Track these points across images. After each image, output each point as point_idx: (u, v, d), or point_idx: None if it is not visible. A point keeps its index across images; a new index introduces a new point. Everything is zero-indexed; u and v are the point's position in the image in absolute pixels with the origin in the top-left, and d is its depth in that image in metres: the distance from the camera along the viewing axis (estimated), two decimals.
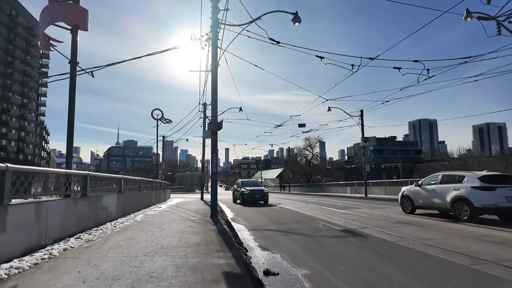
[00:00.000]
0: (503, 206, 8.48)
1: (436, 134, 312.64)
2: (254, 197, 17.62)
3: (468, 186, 9.16)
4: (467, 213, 8.92)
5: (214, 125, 9.66)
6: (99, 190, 8.26)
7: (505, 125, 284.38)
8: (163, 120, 28.70)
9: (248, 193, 17.62)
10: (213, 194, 9.55)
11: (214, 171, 9.53)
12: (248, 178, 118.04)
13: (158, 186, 18.42)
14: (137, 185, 12.67)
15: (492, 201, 8.59)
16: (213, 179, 9.62)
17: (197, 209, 13.23)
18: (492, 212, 8.86)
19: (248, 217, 11.28)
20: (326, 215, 11.46)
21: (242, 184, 19.32)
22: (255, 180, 22.16)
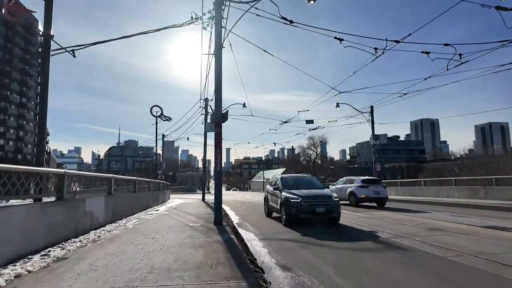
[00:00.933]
0: (372, 197, 14.79)
1: (438, 134, 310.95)
2: (315, 211, 8.57)
3: (355, 185, 15.48)
4: (354, 201, 15.30)
5: (218, 116, 8.35)
6: (84, 192, 6.96)
7: (508, 125, 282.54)
8: (163, 117, 27.41)
9: (303, 203, 8.56)
10: (217, 196, 8.24)
11: (218, 170, 8.23)
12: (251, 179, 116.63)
13: (156, 187, 17.13)
14: (131, 186, 11.37)
15: (366, 194, 14.86)
16: (216, 178, 8.32)
17: (198, 212, 11.92)
18: (367, 200, 15.03)
19: (256, 222, 9.96)
20: (344, 219, 10.14)
21: (284, 183, 10.05)
22: (309, 178, 11.36)
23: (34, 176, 4.91)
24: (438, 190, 21.21)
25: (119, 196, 9.41)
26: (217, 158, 8.24)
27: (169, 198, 23.23)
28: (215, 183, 8.27)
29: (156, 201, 15.96)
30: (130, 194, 10.95)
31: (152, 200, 14.87)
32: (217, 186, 8.26)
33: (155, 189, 16.65)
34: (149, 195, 14.23)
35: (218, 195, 8.20)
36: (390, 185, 27.19)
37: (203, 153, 21.95)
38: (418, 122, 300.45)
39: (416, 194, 22.92)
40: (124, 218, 9.28)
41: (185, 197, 30.53)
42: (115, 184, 8.98)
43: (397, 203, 17.69)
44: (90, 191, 7.35)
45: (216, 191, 8.24)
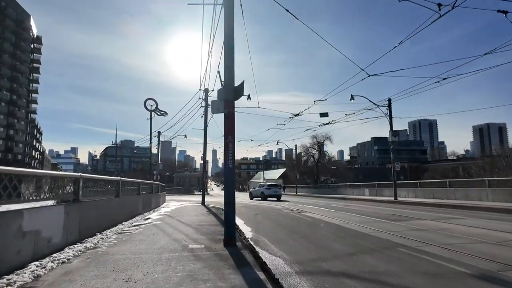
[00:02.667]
0: (272, 194, 26.29)
1: (436, 135, 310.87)
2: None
3: (264, 188, 27.65)
4: (263, 196, 26.72)
5: (229, 90, 5.89)
6: (28, 200, 4.46)
7: (505, 126, 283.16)
8: (158, 111, 24.88)
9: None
10: (229, 203, 5.74)
11: (230, 166, 5.75)
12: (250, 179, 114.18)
13: (149, 189, 14.60)
14: (113, 188, 8.86)
15: (268, 193, 26.67)
16: (228, 177, 5.84)
17: (199, 221, 9.42)
18: (269, 197, 26.49)
19: (276, 236, 7.50)
20: (391, 233, 7.70)
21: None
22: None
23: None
24: (467, 192, 18.86)
25: (92, 204, 6.89)
26: (228, 150, 5.76)
27: (164, 201, 20.68)
28: (225, 185, 5.79)
29: (148, 206, 13.44)
30: (110, 200, 8.43)
31: (143, 205, 12.36)
32: (228, 189, 5.78)
33: (147, 192, 14.13)
34: (139, 199, 11.71)
35: (230, 202, 5.71)
36: (408, 186, 24.84)
37: (203, 149, 19.44)
38: (417, 122, 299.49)
39: (440, 196, 20.57)
40: (99, 233, 6.77)
41: (183, 199, 27.97)
42: (85, 187, 6.47)
43: (422, 207, 15.24)
44: (41, 199, 4.85)
45: (227, 195, 5.75)
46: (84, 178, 6.40)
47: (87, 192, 6.79)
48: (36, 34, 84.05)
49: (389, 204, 19.00)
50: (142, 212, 11.95)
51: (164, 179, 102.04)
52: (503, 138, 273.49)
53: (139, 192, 11.97)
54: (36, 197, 4.68)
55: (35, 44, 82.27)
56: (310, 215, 12.56)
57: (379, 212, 13.27)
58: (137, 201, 11.45)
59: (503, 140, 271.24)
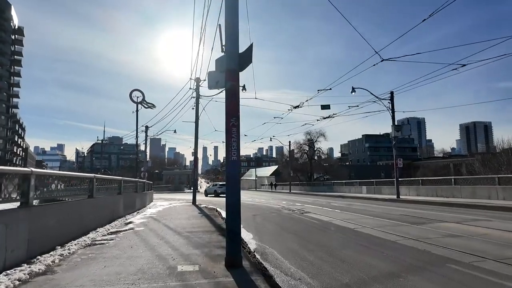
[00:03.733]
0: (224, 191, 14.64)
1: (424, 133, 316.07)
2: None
3: (217, 186, 31.82)
4: (216, 194, 30.53)
5: (232, 58, 4.41)
6: None
7: (491, 124, 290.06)
8: (145, 103, 23.07)
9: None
10: (232, 209, 4.25)
11: (234, 159, 4.28)
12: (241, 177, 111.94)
13: (133, 188, 12.98)
14: (86, 187, 7.27)
15: (221, 191, 29.58)
16: (231, 173, 4.35)
17: (191, 226, 7.91)
18: (221, 194, 28.70)
19: (288, 248, 6.06)
20: (422, 241, 6.37)
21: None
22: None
23: None
24: (475, 190, 17.87)
25: (51, 208, 5.32)
26: (231, 136, 4.29)
27: (151, 201, 19.03)
28: (227, 183, 4.30)
29: (131, 207, 11.83)
30: (81, 202, 6.85)
31: (126, 206, 10.75)
32: (232, 190, 4.29)
33: (131, 191, 12.52)
34: (119, 199, 10.11)
35: (234, 208, 4.23)
36: (409, 184, 23.82)
37: (194, 143, 17.82)
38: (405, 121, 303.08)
39: (444, 194, 19.56)
40: (59, 246, 5.21)
41: (172, 198, 26.29)
42: (41, 186, 4.90)
43: (431, 207, 14.02)
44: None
45: (230, 198, 4.26)
46: (38, 175, 4.81)
47: (46, 193, 5.22)
48: (18, 25, 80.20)
49: (393, 203, 17.83)
50: (124, 215, 10.35)
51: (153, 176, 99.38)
52: (488, 137, 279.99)
53: (121, 191, 10.36)
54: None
55: (16, 35, 78.46)
56: (315, 216, 11.18)
57: (390, 213, 12.01)
58: (117, 201, 9.84)
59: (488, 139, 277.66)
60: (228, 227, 4.19)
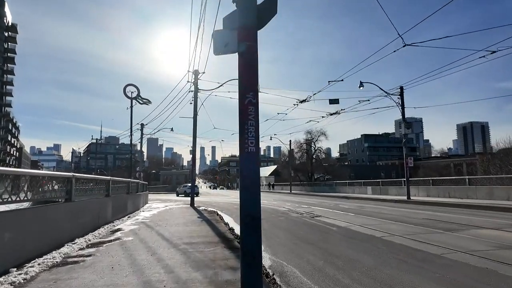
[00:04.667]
0: (188, 192, 31.06)
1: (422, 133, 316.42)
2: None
3: (187, 187, 33.89)
4: (187, 193, 32.60)
5: (248, 10, 3.15)
6: None
7: (488, 124, 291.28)
8: (140, 99, 21.74)
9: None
10: (249, 221, 2.99)
11: (252, 150, 3.02)
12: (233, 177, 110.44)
13: (124, 189, 11.69)
14: (64, 187, 6.00)
15: (189, 191, 25.78)
16: (247, 170, 3.08)
17: (189, 235, 6.65)
18: (191, 194, 18.79)
19: (313, 266, 4.83)
20: (477, 255, 5.17)
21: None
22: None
23: None
24: (492, 191, 16.74)
25: (3, 219, 4.04)
26: (247, 119, 3.05)
27: (146, 203, 17.73)
28: (243, 185, 3.03)
29: (121, 210, 10.54)
30: (54, 207, 5.58)
31: (115, 209, 9.46)
32: (249, 193, 3.03)
33: (122, 192, 11.23)
34: (107, 203, 8.82)
35: (253, 219, 2.97)
36: (419, 184, 22.65)
37: (192, 139, 16.51)
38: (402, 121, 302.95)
39: (458, 195, 18.42)
40: (15, 268, 3.93)
41: (168, 199, 24.99)
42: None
43: (451, 209, 12.76)
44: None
45: (246, 206, 3.00)
46: None
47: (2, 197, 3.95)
48: (11, 22, 78.43)
49: (406, 205, 16.66)
50: (112, 220, 9.07)
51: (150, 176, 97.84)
52: (485, 137, 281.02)
53: (109, 193, 9.08)
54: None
55: (9, 32, 76.71)
56: (329, 221, 9.95)
57: (410, 216, 10.81)
58: (104, 205, 8.56)
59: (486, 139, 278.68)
60: (244, 248, 2.94)
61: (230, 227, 8.26)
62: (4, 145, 77.62)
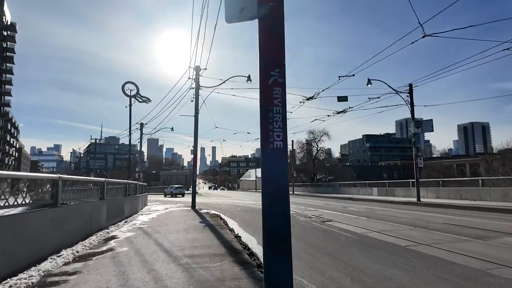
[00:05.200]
0: (178, 192, 38.44)
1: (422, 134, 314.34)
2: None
3: (173, 188, 39.83)
4: (172, 194, 37.64)
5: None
6: None
7: (489, 125, 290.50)
8: (139, 97, 20.99)
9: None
10: (276, 239, 2.23)
11: (279, 146, 2.25)
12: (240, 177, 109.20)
13: (121, 191, 10.93)
14: (47, 191, 5.24)
15: (176, 192, 38.26)
16: (271, 172, 2.30)
17: (191, 245, 5.88)
18: (178, 194, 37.95)
19: (339, 283, 4.07)
20: None
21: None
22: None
23: None
24: (507, 192, 15.96)
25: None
26: (272, 104, 2.27)
27: (145, 205, 16.98)
28: (266, 192, 2.25)
29: (118, 214, 9.79)
30: (39, 214, 4.82)
31: (110, 214, 8.70)
32: (274, 203, 2.25)
33: (119, 194, 10.48)
34: (101, 206, 8.07)
35: (279, 237, 2.20)
36: (428, 185, 21.88)
37: (194, 138, 15.74)
38: (404, 121, 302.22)
39: (470, 197, 17.65)
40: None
41: (169, 201, 24.27)
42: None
43: (468, 212, 11.92)
44: None
45: (270, 220, 2.23)
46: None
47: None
48: (10, 20, 77.75)
49: (417, 207, 15.90)
50: (107, 225, 8.31)
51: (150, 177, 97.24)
52: (486, 137, 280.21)
53: (103, 196, 8.32)
54: None
55: (8, 31, 75.96)
56: (342, 226, 9.18)
57: (428, 221, 10.03)
58: (98, 209, 7.80)
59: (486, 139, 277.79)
60: (269, 278, 2.18)
61: (236, 234, 7.50)
62: (3, 146, 76.87)
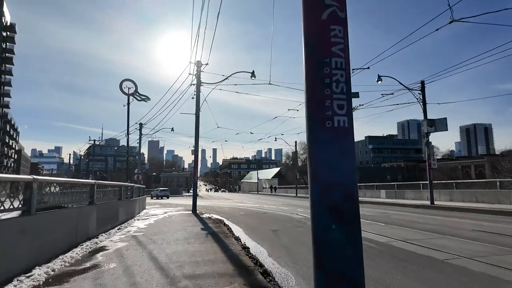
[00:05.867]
0: (163, 195, 40.23)
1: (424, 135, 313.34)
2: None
3: (158, 191, 41.37)
4: (158, 197, 39.12)
5: None
6: None
7: (491, 126, 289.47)
8: (138, 95, 20.09)
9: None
10: None
11: (343, 124, 1.26)
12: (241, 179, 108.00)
13: (116, 195, 9.98)
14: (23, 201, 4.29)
15: (161, 194, 40.11)
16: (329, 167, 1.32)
17: (193, 260, 4.94)
18: (163, 196, 40.00)
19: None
20: None
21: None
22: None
23: None
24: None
25: None
26: (328, 54, 1.28)
27: (143, 208, 16.03)
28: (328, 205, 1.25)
29: (111, 220, 8.84)
30: (3, 224, 3.87)
31: (101, 220, 7.76)
32: (344, 219, 1.28)
33: (112, 198, 9.54)
34: (90, 212, 7.12)
35: None
36: (439, 188, 20.89)
37: (195, 137, 14.79)
38: (405, 123, 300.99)
39: (487, 200, 16.65)
40: None
41: (168, 204, 23.32)
42: None
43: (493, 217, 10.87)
44: None
45: (332, 262, 1.25)
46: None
47: None
48: (10, 21, 77.18)
49: (432, 211, 14.91)
50: (97, 233, 7.36)
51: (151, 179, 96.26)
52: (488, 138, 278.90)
53: (93, 200, 7.38)
54: None
55: (8, 32, 75.37)
56: None
57: (455, 227, 9.06)
58: (86, 216, 6.86)
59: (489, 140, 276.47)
60: None
61: (243, 245, 6.54)
62: (2, 147, 76.05)
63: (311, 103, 1.39)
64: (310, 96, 1.39)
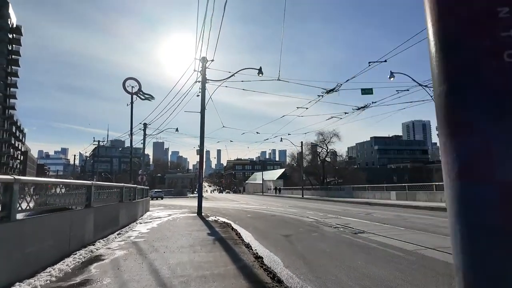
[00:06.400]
0: (157, 196, 42.45)
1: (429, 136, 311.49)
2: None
3: (154, 192, 41.73)
4: (154, 198, 38.52)
5: None
6: None
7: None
8: (141, 95, 19.55)
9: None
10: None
11: None
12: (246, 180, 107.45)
13: (116, 197, 9.37)
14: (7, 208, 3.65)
15: (155, 195, 41.39)
16: None
17: (200, 273, 4.26)
18: (158, 197, 41.83)
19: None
20: None
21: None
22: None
23: None
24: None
25: None
26: None
27: (146, 211, 15.43)
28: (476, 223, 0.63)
29: (110, 224, 8.21)
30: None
31: (99, 224, 7.13)
32: None
33: (113, 201, 8.93)
34: (87, 217, 6.50)
35: None
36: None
37: (200, 137, 14.14)
38: (410, 123, 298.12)
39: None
40: None
41: (173, 205, 22.72)
42: None
43: None
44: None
45: None
46: None
47: None
48: (16, 23, 77.61)
49: None
50: (95, 239, 6.73)
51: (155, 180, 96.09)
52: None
53: (90, 203, 6.76)
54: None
55: (14, 34, 75.77)
56: (381, 239, 7.47)
57: None
58: (81, 220, 6.23)
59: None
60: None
61: (255, 253, 5.85)
62: (8, 149, 76.31)
63: None
64: None
